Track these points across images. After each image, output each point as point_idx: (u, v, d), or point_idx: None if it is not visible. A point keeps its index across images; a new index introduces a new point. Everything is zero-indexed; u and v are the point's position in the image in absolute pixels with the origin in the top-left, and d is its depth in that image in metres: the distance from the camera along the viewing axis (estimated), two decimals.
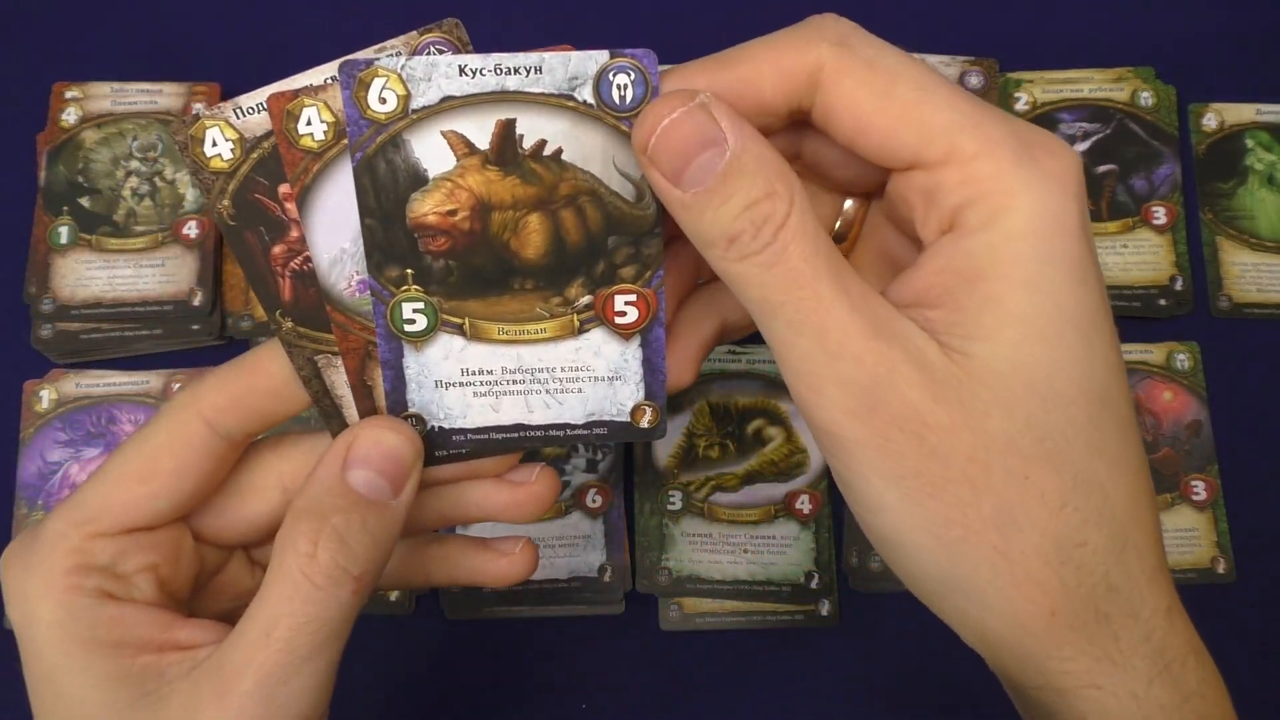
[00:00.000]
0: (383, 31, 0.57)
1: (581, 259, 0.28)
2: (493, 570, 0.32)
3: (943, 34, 0.54)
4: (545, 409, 0.29)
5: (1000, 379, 0.24)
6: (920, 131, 0.24)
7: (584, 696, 0.45)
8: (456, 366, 0.29)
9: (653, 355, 0.29)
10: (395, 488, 0.27)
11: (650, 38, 0.53)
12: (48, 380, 0.47)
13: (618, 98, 0.26)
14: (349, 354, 0.28)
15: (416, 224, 0.27)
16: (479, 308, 0.28)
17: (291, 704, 0.26)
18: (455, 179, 0.27)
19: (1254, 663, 0.46)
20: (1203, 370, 0.49)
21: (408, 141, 0.27)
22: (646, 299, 0.28)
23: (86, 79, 0.50)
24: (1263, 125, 0.52)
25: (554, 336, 0.28)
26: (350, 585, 0.26)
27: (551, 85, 0.26)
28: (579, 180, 0.27)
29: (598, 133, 0.27)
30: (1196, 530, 0.47)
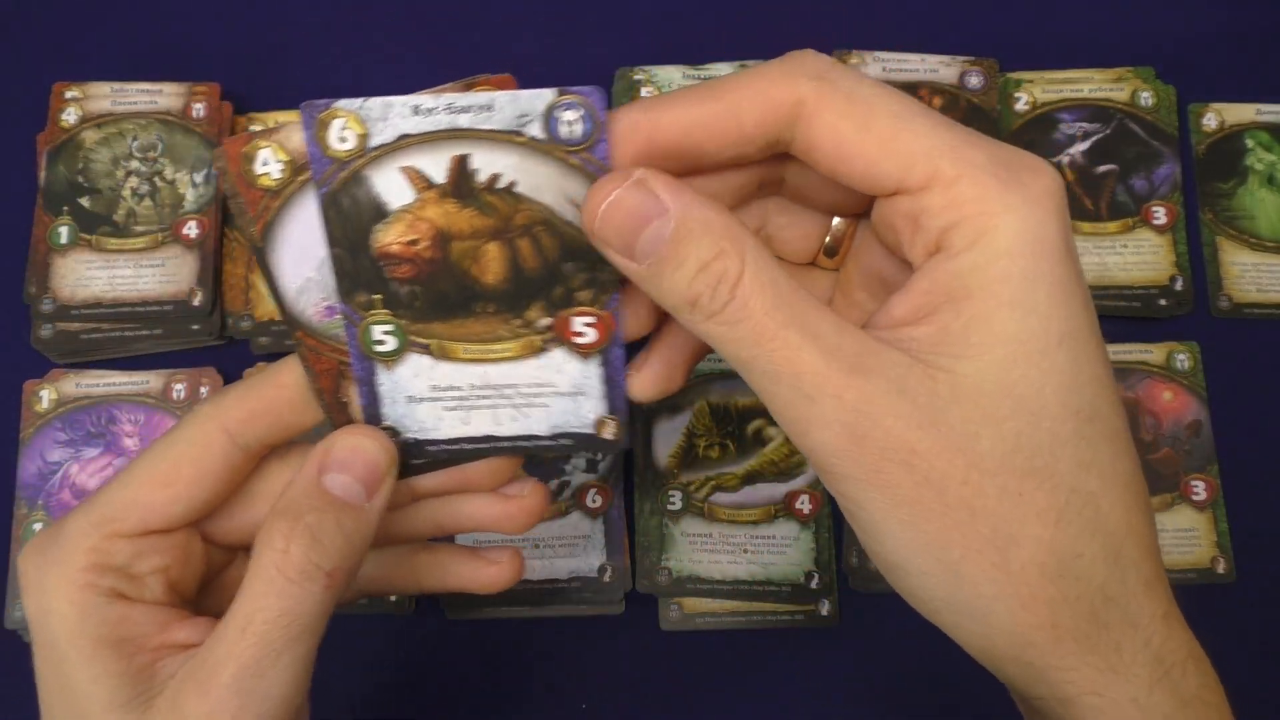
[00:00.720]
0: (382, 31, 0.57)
1: (539, 284, 0.29)
2: (482, 578, 0.33)
3: (943, 34, 0.54)
4: (513, 422, 0.31)
5: (989, 397, 0.24)
6: (901, 159, 0.25)
7: (584, 696, 0.45)
8: (426, 383, 0.30)
9: (613, 373, 0.30)
10: (369, 491, 0.29)
11: (650, 37, 0.53)
12: (48, 380, 0.47)
13: (566, 133, 0.28)
14: (322, 374, 0.30)
15: (382, 253, 0.29)
16: (445, 329, 0.30)
17: (268, 695, 0.27)
18: (415, 211, 0.28)
19: (1254, 663, 0.46)
20: (1203, 370, 0.49)
21: (368, 177, 0.28)
22: (604, 320, 0.30)
23: (86, 79, 0.50)
24: (1263, 125, 0.52)
25: (517, 355, 0.30)
26: (323, 580, 0.28)
27: (501, 122, 0.28)
28: (533, 211, 0.28)
29: (549, 166, 0.28)
30: (1196, 530, 0.47)
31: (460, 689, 0.45)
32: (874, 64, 0.51)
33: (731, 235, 0.25)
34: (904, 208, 0.26)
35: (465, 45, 0.53)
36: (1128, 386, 0.49)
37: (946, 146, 0.25)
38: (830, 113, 0.25)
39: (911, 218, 0.25)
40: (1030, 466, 0.25)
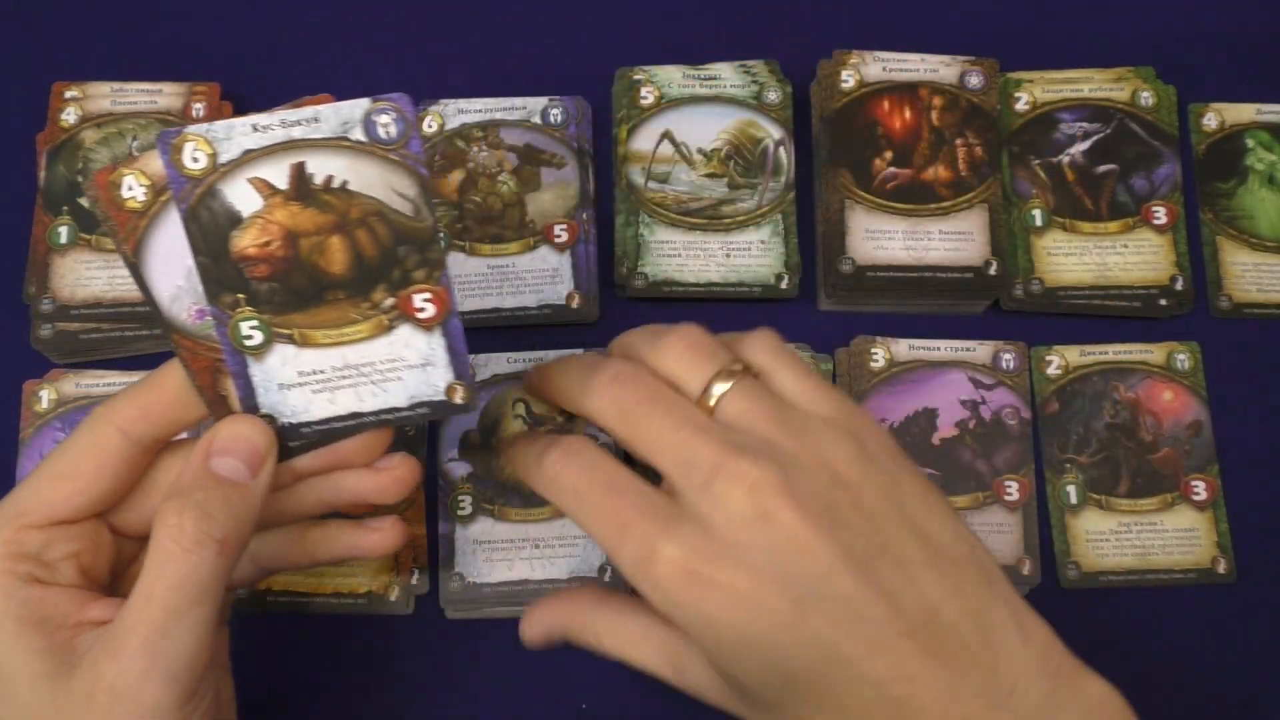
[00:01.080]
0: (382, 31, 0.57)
1: (379, 268, 0.33)
2: (365, 544, 0.38)
3: (943, 34, 0.54)
4: (374, 397, 0.35)
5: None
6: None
7: (584, 696, 0.45)
8: (294, 370, 0.34)
9: (454, 342, 0.35)
10: (252, 470, 0.33)
11: (650, 37, 0.53)
12: (48, 380, 0.47)
13: (384, 134, 0.32)
14: (201, 372, 0.34)
15: (240, 256, 0.32)
16: (303, 319, 0.33)
17: (175, 654, 0.30)
18: (265, 216, 0.32)
19: (1254, 663, 0.46)
20: (1203, 370, 0.49)
21: (221, 190, 0.32)
22: (440, 295, 0.34)
23: (86, 79, 0.50)
24: (1263, 125, 0.52)
25: (369, 335, 0.34)
26: (215, 548, 0.31)
27: (329, 131, 0.32)
28: (366, 204, 0.33)
29: (374, 164, 0.33)
30: (1197, 530, 0.47)
31: (460, 689, 0.45)
32: (874, 64, 0.51)
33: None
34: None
35: (465, 45, 0.53)
36: (1128, 386, 0.49)
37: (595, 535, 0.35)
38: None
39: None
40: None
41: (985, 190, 0.49)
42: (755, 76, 0.51)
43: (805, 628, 0.31)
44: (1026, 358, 0.49)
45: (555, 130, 0.50)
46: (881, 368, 0.48)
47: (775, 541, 0.31)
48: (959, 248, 0.48)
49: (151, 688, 0.30)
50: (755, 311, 0.49)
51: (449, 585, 0.45)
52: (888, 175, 0.49)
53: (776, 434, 0.33)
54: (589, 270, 0.49)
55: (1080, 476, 0.48)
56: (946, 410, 0.48)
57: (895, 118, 0.50)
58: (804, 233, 0.50)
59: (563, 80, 0.52)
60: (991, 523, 0.47)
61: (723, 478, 0.31)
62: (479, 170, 0.50)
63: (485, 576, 0.45)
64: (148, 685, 0.30)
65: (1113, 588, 0.47)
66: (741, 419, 0.33)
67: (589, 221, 0.49)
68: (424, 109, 0.51)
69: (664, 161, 0.50)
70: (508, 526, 0.45)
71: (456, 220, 0.49)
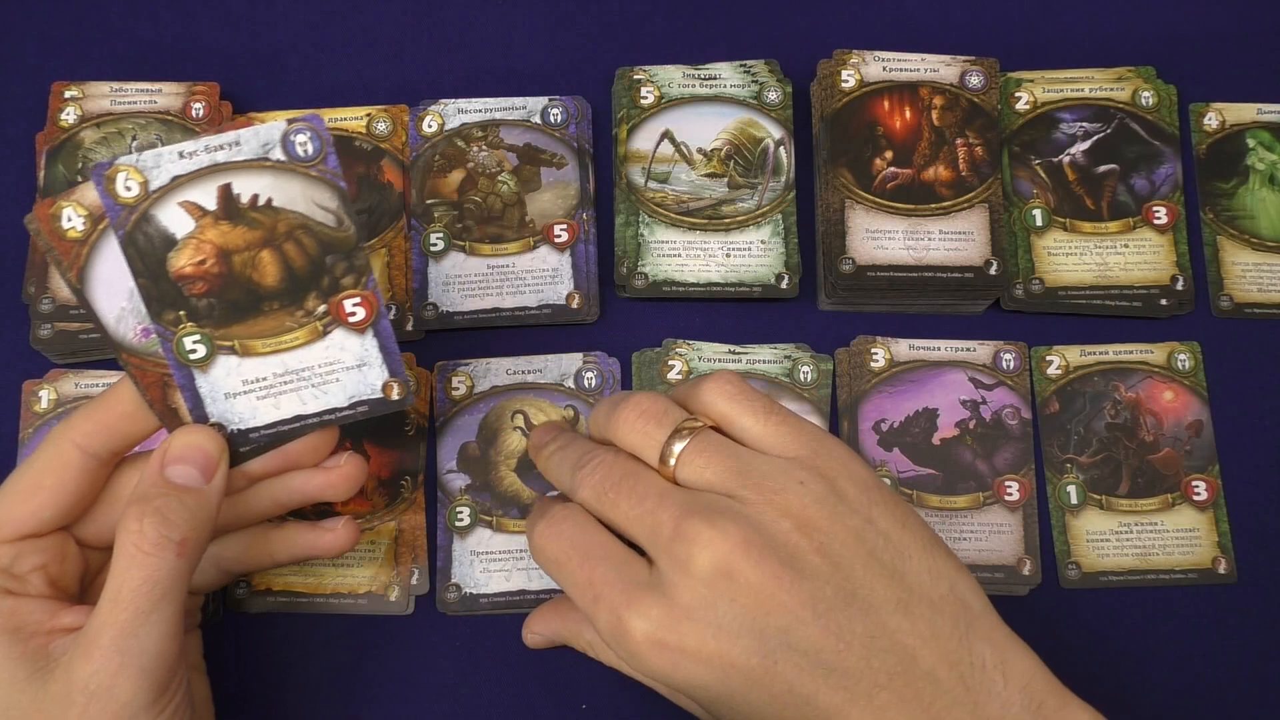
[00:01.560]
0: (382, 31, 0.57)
1: (309, 278, 0.36)
2: (322, 544, 0.40)
3: (943, 34, 0.54)
4: (315, 400, 0.37)
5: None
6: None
7: (584, 696, 0.45)
8: (238, 379, 0.36)
9: (386, 342, 0.37)
10: (206, 475, 0.35)
11: (650, 37, 0.53)
12: (47, 380, 0.47)
13: (301, 152, 0.34)
14: (150, 387, 0.36)
15: (178, 276, 0.34)
16: (243, 330, 0.36)
17: (143, 651, 0.32)
18: (198, 236, 0.34)
19: (1255, 663, 0.46)
20: (1204, 370, 0.49)
21: (155, 215, 0.34)
22: (368, 299, 0.36)
23: (86, 78, 0.50)
24: (1264, 125, 0.52)
25: (306, 341, 0.36)
26: (175, 549, 0.33)
27: (250, 153, 0.34)
28: (291, 219, 0.35)
29: (295, 181, 0.35)
30: (1197, 530, 0.47)
31: (460, 689, 0.45)
32: (874, 64, 0.50)
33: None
34: None
35: (465, 45, 0.53)
36: (1129, 386, 0.49)
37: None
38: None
39: None
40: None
41: (986, 190, 0.49)
42: (755, 76, 0.51)
43: (778, 682, 0.31)
44: (1027, 358, 0.49)
45: (555, 130, 0.50)
46: (881, 368, 0.48)
47: (739, 598, 0.31)
48: (959, 248, 0.48)
49: (124, 684, 0.32)
50: (755, 311, 0.49)
51: (445, 596, 0.45)
52: (888, 175, 0.49)
53: (736, 486, 0.33)
54: (589, 270, 0.49)
55: (1081, 476, 0.48)
56: (947, 410, 0.48)
57: (895, 117, 0.50)
58: (804, 233, 0.50)
59: (563, 80, 0.52)
60: (992, 523, 0.47)
61: (681, 540, 0.32)
62: (479, 170, 0.50)
63: (482, 587, 0.45)
64: (121, 682, 0.32)
65: (1113, 588, 0.46)
66: (701, 476, 0.34)
67: (589, 221, 0.49)
68: (424, 109, 0.51)
69: (664, 161, 0.50)
70: (506, 538, 0.45)
71: (457, 220, 0.49)
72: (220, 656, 0.44)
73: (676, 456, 0.34)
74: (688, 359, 0.48)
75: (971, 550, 0.46)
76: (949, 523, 0.46)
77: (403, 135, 0.50)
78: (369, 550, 0.46)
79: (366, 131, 0.50)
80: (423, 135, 0.50)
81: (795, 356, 0.48)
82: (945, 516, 0.46)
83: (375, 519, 0.46)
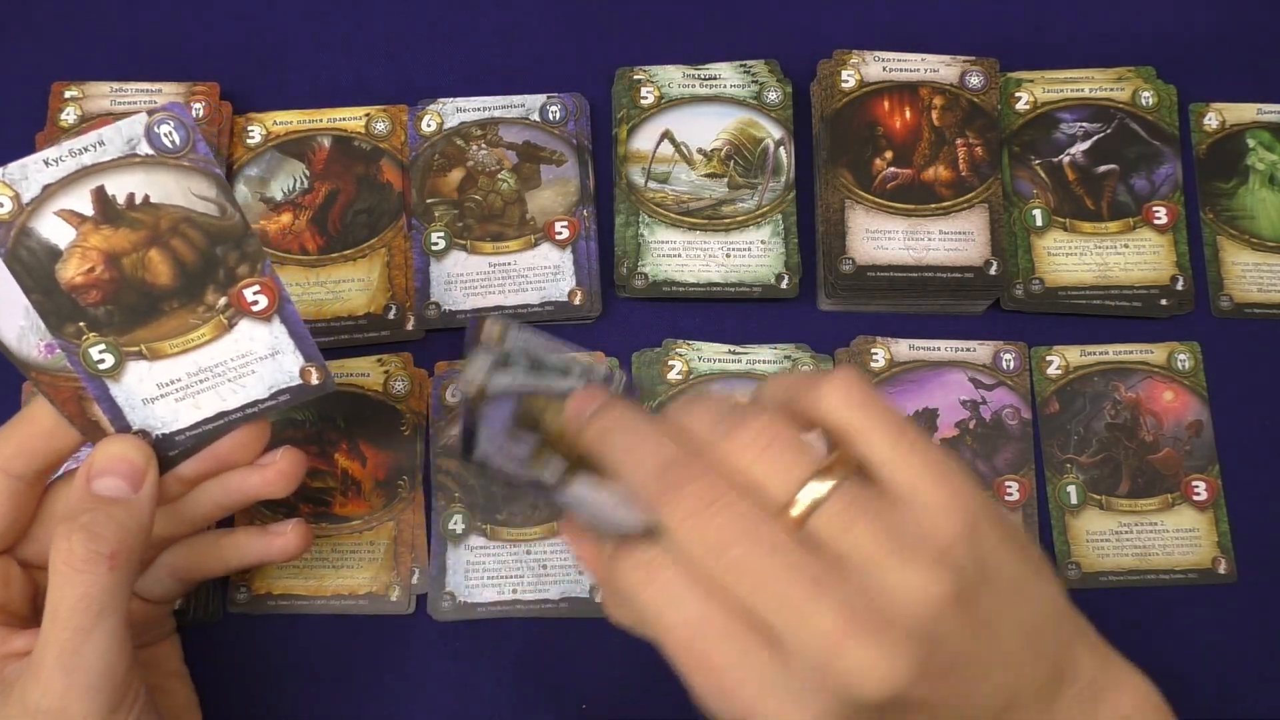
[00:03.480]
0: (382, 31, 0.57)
1: (203, 271, 0.35)
2: (273, 549, 0.40)
3: (943, 34, 0.54)
4: (234, 394, 0.36)
5: None
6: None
7: (584, 696, 0.45)
8: (152, 384, 0.35)
9: (295, 327, 0.36)
10: (134, 485, 0.34)
11: (650, 37, 0.53)
12: None
13: (168, 143, 0.34)
14: (66, 402, 0.35)
15: (69, 287, 0.34)
16: (147, 333, 0.35)
17: (89, 668, 0.32)
18: (82, 244, 0.34)
19: (1255, 663, 0.46)
20: (1204, 370, 0.49)
21: (33, 229, 0.33)
22: (268, 285, 0.36)
23: (86, 79, 0.50)
24: (1264, 125, 0.52)
25: (213, 337, 0.36)
26: (106, 563, 0.32)
27: (116, 151, 0.33)
28: (172, 214, 0.34)
29: (168, 174, 0.34)
30: (1197, 530, 0.47)
31: (461, 689, 0.45)
32: (874, 64, 0.50)
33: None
34: None
35: (464, 45, 0.53)
36: (1129, 387, 0.49)
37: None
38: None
39: None
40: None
41: (986, 190, 0.49)
42: (755, 76, 0.51)
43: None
44: (1027, 358, 0.49)
45: (554, 127, 0.50)
46: (881, 368, 0.48)
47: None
48: (959, 248, 0.48)
49: (74, 703, 0.31)
50: (755, 311, 0.49)
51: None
52: (888, 175, 0.49)
53: (881, 556, 0.27)
54: (590, 266, 0.49)
55: (1081, 477, 0.48)
56: (947, 410, 0.48)
57: (895, 118, 0.50)
58: (804, 233, 0.50)
59: (562, 81, 0.52)
60: None
61: (846, 664, 0.26)
62: (479, 168, 0.50)
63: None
64: (70, 701, 0.31)
65: (1113, 588, 0.46)
66: (839, 538, 0.27)
67: (590, 218, 0.49)
68: (423, 108, 0.51)
69: (664, 161, 0.50)
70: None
71: (457, 219, 0.49)
72: (221, 659, 0.44)
73: (812, 505, 0.28)
74: (688, 359, 0.48)
75: None
76: None
77: (402, 135, 0.50)
78: (369, 551, 0.46)
79: (365, 131, 0.50)
80: (422, 134, 0.50)
81: (795, 357, 0.48)
82: None
83: (374, 519, 0.46)
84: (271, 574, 0.45)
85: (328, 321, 0.48)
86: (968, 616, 0.27)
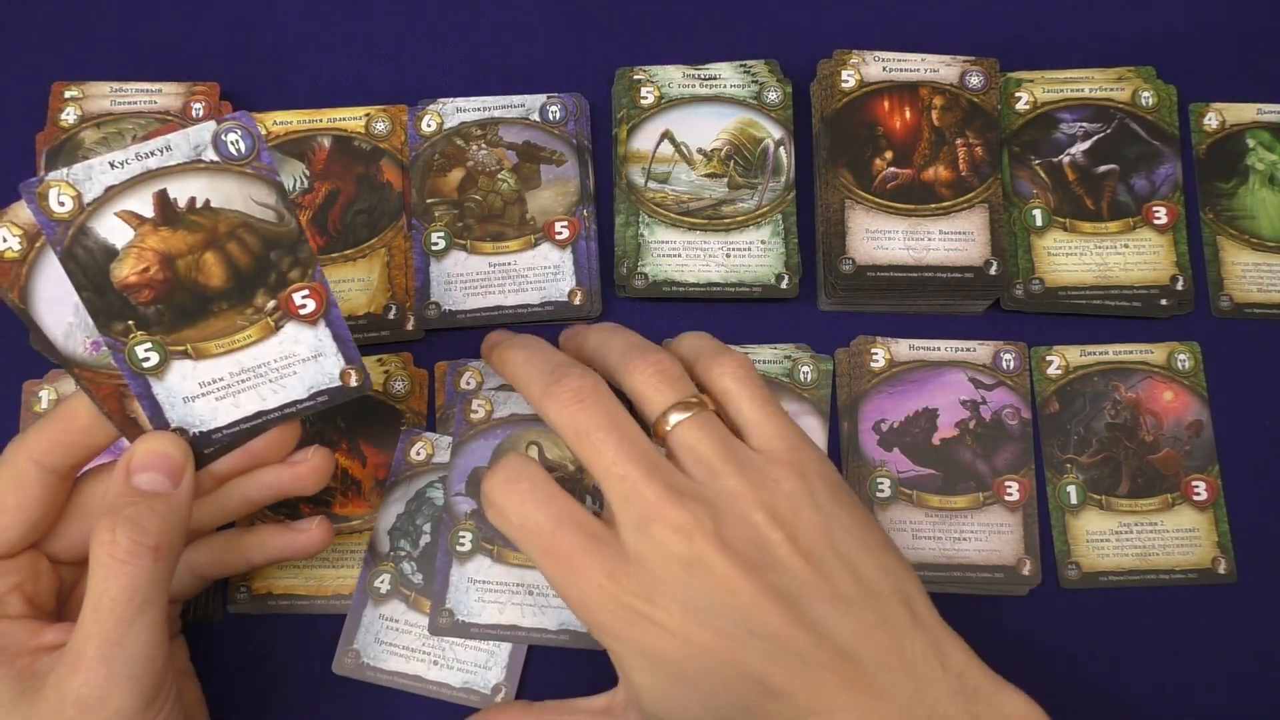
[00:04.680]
0: (382, 31, 0.57)
1: (256, 275, 0.36)
2: (297, 545, 0.40)
3: (943, 34, 0.54)
4: (274, 394, 0.37)
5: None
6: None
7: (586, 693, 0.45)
8: (194, 382, 0.36)
9: (339, 330, 0.37)
10: (173, 480, 0.35)
11: (650, 37, 0.53)
12: (48, 380, 0.47)
13: (234, 151, 0.34)
14: (107, 399, 0.36)
15: (122, 285, 0.34)
16: (194, 333, 0.36)
17: (130, 658, 0.32)
18: (139, 244, 0.34)
19: (1255, 663, 0.46)
20: (1204, 370, 0.49)
21: (92, 228, 0.34)
22: (317, 290, 0.37)
23: (86, 79, 0.50)
24: (1264, 125, 0.52)
25: (259, 338, 0.36)
26: (150, 555, 0.33)
27: (182, 156, 0.34)
28: (231, 219, 0.35)
29: (230, 180, 0.35)
30: (1197, 530, 0.47)
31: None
32: (874, 64, 0.50)
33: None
34: None
35: (464, 45, 0.53)
36: (1128, 387, 0.49)
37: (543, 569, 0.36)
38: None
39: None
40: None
41: (986, 190, 0.49)
42: (755, 76, 0.51)
43: (736, 662, 0.32)
44: (1027, 358, 0.49)
45: (554, 127, 0.50)
46: (881, 368, 0.48)
47: (706, 583, 0.33)
48: (959, 248, 0.48)
49: (115, 693, 0.32)
50: (755, 311, 0.49)
51: (438, 620, 0.44)
52: (888, 175, 0.49)
53: (721, 468, 0.35)
54: (590, 266, 0.49)
55: (1081, 477, 0.48)
56: (947, 410, 0.48)
57: (895, 118, 0.50)
58: (804, 233, 0.50)
59: (562, 81, 0.52)
60: (992, 523, 0.47)
61: (659, 522, 0.33)
62: (479, 168, 0.50)
63: (475, 616, 0.44)
64: (111, 691, 0.32)
65: (1113, 588, 0.46)
66: (691, 447, 0.35)
67: (590, 218, 0.49)
68: (422, 108, 0.51)
69: (664, 161, 0.50)
70: (504, 569, 0.45)
71: (457, 219, 0.49)
72: (220, 658, 0.44)
73: (675, 423, 0.36)
74: None
75: (971, 550, 0.46)
76: (949, 523, 0.46)
77: (402, 135, 0.50)
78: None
79: (365, 131, 0.50)
80: (422, 134, 0.50)
81: (795, 356, 0.48)
82: (945, 516, 0.46)
83: (374, 520, 0.46)
84: (272, 574, 0.45)
85: None
86: (780, 523, 0.34)
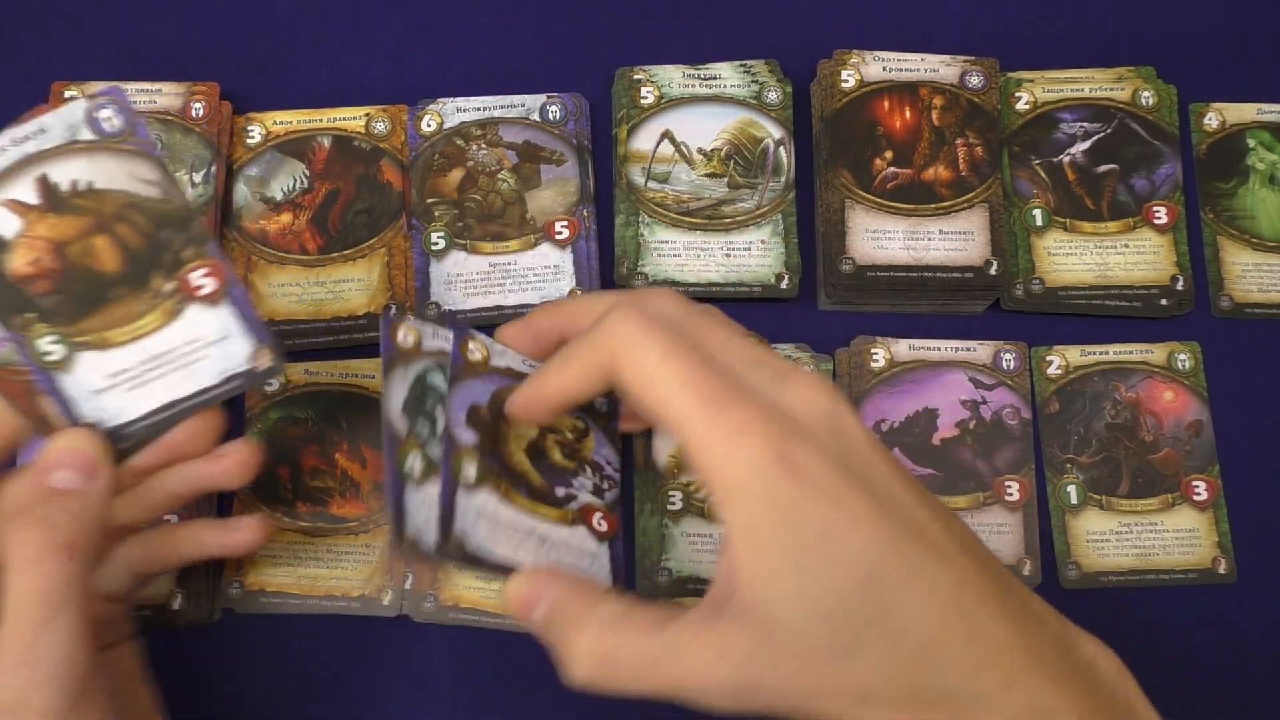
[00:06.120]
0: (382, 31, 0.57)
1: (149, 256, 0.35)
2: (231, 543, 0.40)
3: (943, 34, 0.54)
4: (185, 381, 0.36)
5: (759, 623, 0.29)
6: (668, 421, 0.31)
7: (583, 697, 0.45)
8: (101, 375, 0.35)
9: (244, 309, 0.36)
10: (88, 477, 0.34)
11: (650, 37, 0.53)
12: None
13: (109, 128, 0.34)
14: (17, 397, 0.35)
15: (16, 277, 0.34)
16: (96, 322, 0.34)
17: (49, 659, 0.31)
18: (28, 234, 0.34)
19: (1254, 663, 0.46)
20: (1204, 370, 0.49)
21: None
22: (216, 267, 0.35)
23: (86, 79, 0.50)
24: (1264, 125, 0.52)
25: (162, 323, 0.35)
26: (63, 554, 0.32)
27: (58, 138, 0.33)
28: (117, 199, 0.34)
29: (110, 159, 0.34)
30: (1197, 530, 0.47)
31: (456, 691, 0.45)
32: (874, 64, 0.50)
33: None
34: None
35: (464, 45, 0.53)
36: (1128, 387, 0.49)
37: (690, 412, 0.30)
38: (627, 373, 0.31)
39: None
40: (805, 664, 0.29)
41: (986, 190, 0.49)
42: (755, 76, 0.51)
43: (879, 532, 0.29)
44: (1027, 358, 0.49)
45: (554, 127, 0.50)
46: (881, 368, 0.48)
47: (851, 444, 0.30)
48: (959, 248, 0.48)
49: (36, 696, 0.31)
50: (755, 311, 0.49)
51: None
52: (888, 175, 0.49)
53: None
54: (590, 266, 0.49)
55: (1081, 477, 0.48)
56: (947, 410, 0.48)
57: (895, 117, 0.50)
58: (804, 233, 0.50)
59: (562, 81, 0.52)
60: (992, 523, 0.46)
61: (797, 377, 0.31)
62: (479, 168, 0.50)
63: (488, 553, 0.41)
64: (32, 694, 0.31)
65: (1113, 588, 0.46)
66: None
67: (590, 218, 0.49)
68: (422, 108, 0.51)
69: (664, 161, 0.50)
70: (513, 512, 0.43)
71: (457, 219, 0.49)
72: (214, 657, 0.44)
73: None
74: None
75: None
76: None
77: (402, 135, 0.50)
78: (363, 553, 0.45)
79: (365, 131, 0.50)
80: (422, 134, 0.50)
81: (795, 357, 0.48)
82: None
83: (370, 522, 0.46)
84: (265, 570, 0.45)
85: (327, 321, 0.48)
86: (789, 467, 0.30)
